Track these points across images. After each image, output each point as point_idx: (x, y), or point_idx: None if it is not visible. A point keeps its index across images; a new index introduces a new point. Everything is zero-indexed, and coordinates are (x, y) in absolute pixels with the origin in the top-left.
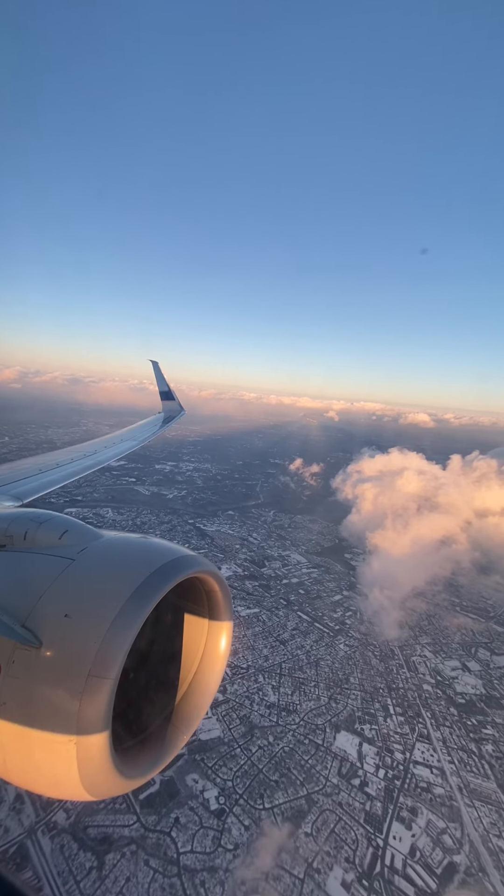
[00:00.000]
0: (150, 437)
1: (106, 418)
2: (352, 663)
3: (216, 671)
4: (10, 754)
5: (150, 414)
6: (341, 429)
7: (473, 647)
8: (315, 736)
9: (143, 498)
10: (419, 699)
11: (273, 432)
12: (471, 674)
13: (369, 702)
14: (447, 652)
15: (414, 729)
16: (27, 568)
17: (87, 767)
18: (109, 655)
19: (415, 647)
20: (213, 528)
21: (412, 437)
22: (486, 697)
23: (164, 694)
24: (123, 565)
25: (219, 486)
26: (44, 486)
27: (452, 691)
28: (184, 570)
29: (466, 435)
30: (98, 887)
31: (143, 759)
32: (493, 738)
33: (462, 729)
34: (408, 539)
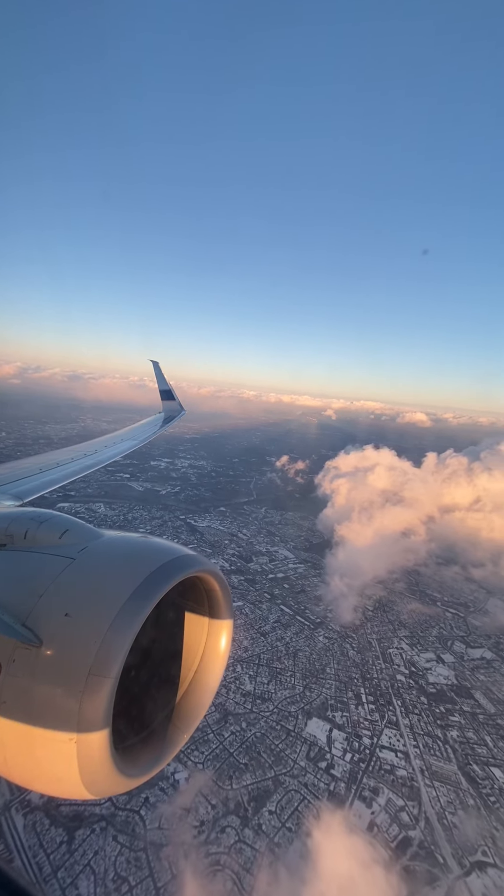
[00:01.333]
0: (150, 436)
1: (104, 414)
2: (329, 654)
3: (216, 670)
4: (10, 753)
5: (149, 411)
6: (338, 427)
7: (450, 641)
8: (287, 722)
9: (136, 494)
10: (391, 688)
11: (271, 430)
12: (444, 665)
13: (343, 691)
14: (424, 644)
15: (384, 716)
16: (27, 567)
17: (87, 766)
18: (110, 654)
19: (392, 639)
20: (203, 524)
21: (408, 436)
22: (456, 687)
23: (164, 693)
24: (124, 564)
25: (213, 482)
26: (44, 486)
27: (425, 681)
28: (184, 570)
29: (464, 434)
30: (67, 859)
31: (144, 757)
32: (459, 724)
33: (430, 716)
34: (371, 531)
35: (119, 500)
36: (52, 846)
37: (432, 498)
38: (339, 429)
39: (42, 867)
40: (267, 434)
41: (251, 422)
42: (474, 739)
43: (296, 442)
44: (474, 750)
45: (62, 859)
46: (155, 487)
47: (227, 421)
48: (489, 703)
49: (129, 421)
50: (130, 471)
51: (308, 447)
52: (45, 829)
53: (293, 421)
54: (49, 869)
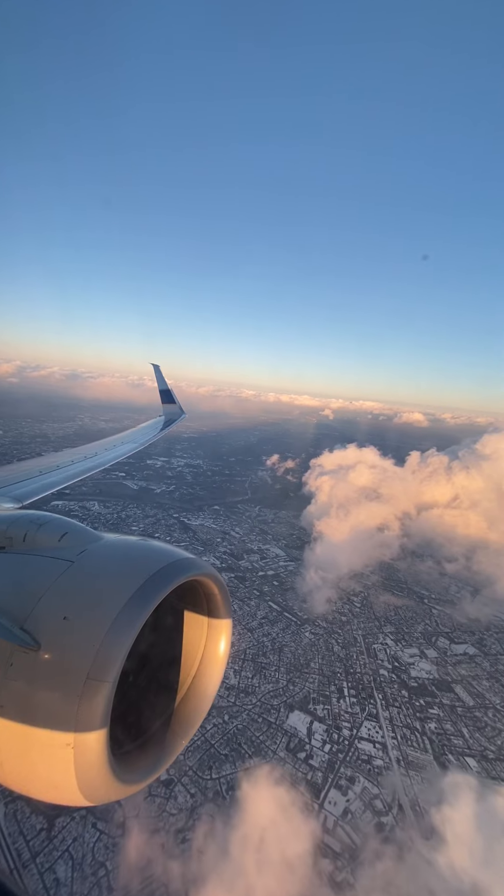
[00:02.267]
0: (150, 439)
1: (102, 413)
2: (314, 650)
3: (215, 674)
4: (6, 758)
5: (147, 410)
6: (335, 427)
7: (434, 637)
8: (269, 715)
9: (131, 492)
10: (374, 682)
11: (269, 429)
12: (427, 660)
13: (326, 685)
14: (408, 640)
15: (364, 709)
16: (26, 570)
17: (84, 772)
18: (108, 658)
19: (377, 635)
20: (196, 523)
21: (403, 436)
22: (437, 681)
23: (162, 697)
24: (123, 568)
25: (208, 481)
26: (44, 488)
27: (407, 676)
28: (183, 573)
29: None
30: (46, 845)
31: (142, 763)
32: (438, 717)
33: (410, 709)
34: (347, 526)
35: (113, 499)
36: (31, 833)
37: (411, 495)
38: (335, 428)
39: (21, 853)
40: (265, 433)
41: (249, 421)
42: (451, 731)
43: (292, 441)
44: (451, 741)
45: (41, 846)
46: (150, 486)
47: (225, 420)
48: (468, 697)
49: (127, 420)
50: (126, 469)
51: (304, 447)
52: (26, 817)
53: (291, 421)
54: (28, 854)
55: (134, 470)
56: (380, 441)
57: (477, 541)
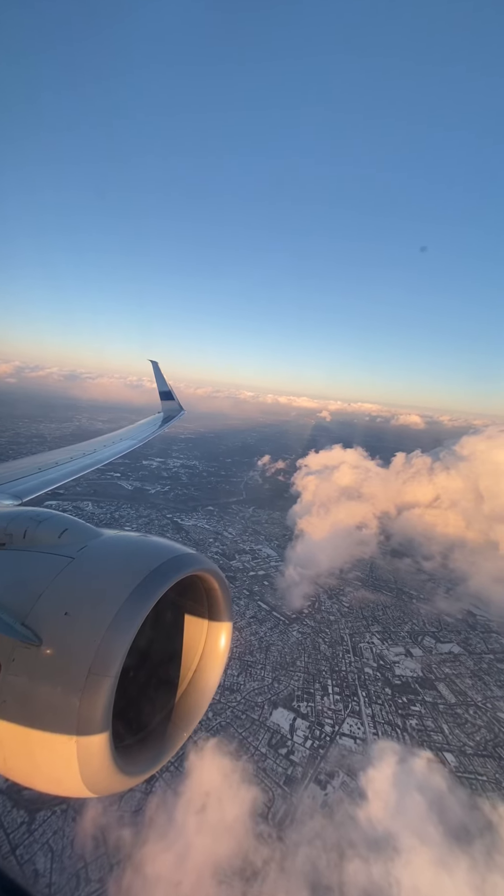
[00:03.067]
0: (149, 436)
1: (100, 414)
2: (301, 648)
3: (216, 669)
4: (10, 752)
5: (146, 410)
6: (331, 428)
7: (421, 636)
8: (252, 712)
9: (125, 493)
10: (358, 680)
11: (266, 431)
12: (412, 658)
13: (310, 682)
14: (395, 639)
15: (347, 706)
16: (27, 566)
17: (87, 764)
18: (109, 653)
19: (364, 634)
20: (189, 523)
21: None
22: (421, 679)
23: (164, 692)
24: (123, 564)
25: (203, 482)
26: (43, 485)
27: (391, 674)
28: (184, 569)
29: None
30: (27, 838)
31: (144, 756)
32: (419, 713)
33: (392, 706)
34: (328, 524)
35: (107, 499)
36: (12, 826)
37: (391, 495)
38: (331, 430)
39: (1, 845)
40: (262, 434)
41: (247, 422)
42: (432, 727)
43: (289, 443)
44: (430, 737)
45: (21, 838)
46: (144, 486)
47: (222, 421)
48: (451, 694)
49: (125, 420)
50: (122, 470)
51: (299, 448)
52: (7, 811)
53: (288, 422)
54: (7, 847)
55: (129, 470)
56: (375, 443)
57: (455, 539)
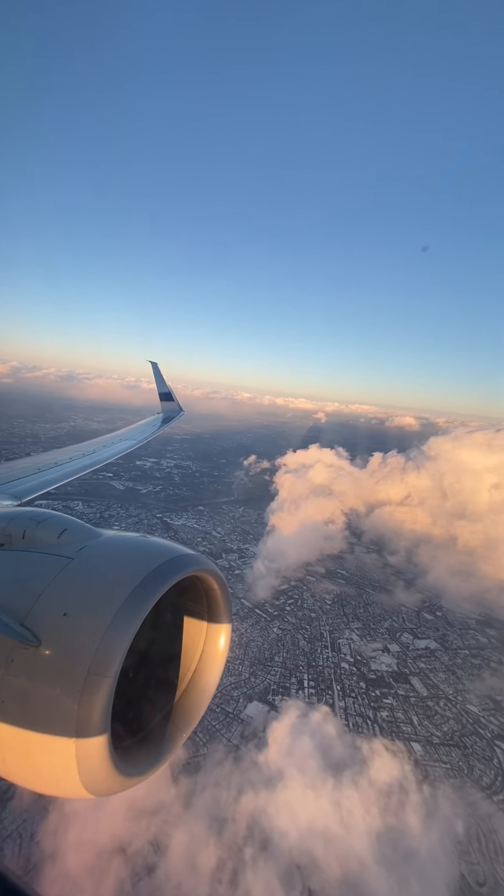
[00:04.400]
0: (148, 436)
1: (97, 414)
2: (280, 644)
3: (215, 670)
4: (9, 753)
5: (143, 410)
6: (326, 430)
7: (399, 632)
8: (227, 705)
9: (117, 492)
10: (334, 675)
11: (262, 432)
12: (389, 654)
13: (287, 677)
14: (373, 636)
15: (321, 699)
16: (26, 567)
17: (86, 766)
18: (109, 654)
19: (344, 630)
20: (179, 523)
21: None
22: (395, 674)
23: (163, 692)
24: (122, 564)
25: (196, 482)
26: (42, 486)
27: (367, 668)
28: (183, 569)
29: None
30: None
31: (143, 757)
32: (391, 706)
33: (365, 699)
34: (302, 520)
35: (98, 499)
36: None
37: (362, 493)
38: (326, 431)
39: (1, 846)
40: (258, 435)
41: (244, 423)
42: (402, 719)
43: (284, 443)
44: (400, 728)
45: None
46: (136, 486)
47: (219, 422)
48: (423, 688)
49: (122, 421)
50: (114, 470)
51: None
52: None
53: (284, 423)
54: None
55: (122, 470)
56: (368, 443)
57: (421, 535)
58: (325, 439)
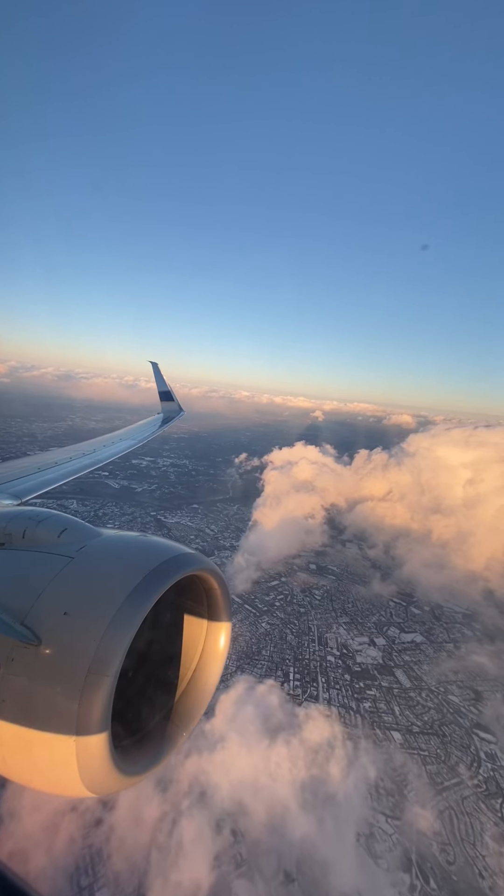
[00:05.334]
0: (148, 436)
1: (94, 414)
2: (268, 639)
3: (215, 669)
4: (9, 752)
5: (140, 410)
6: (323, 428)
7: (386, 626)
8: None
9: (112, 491)
10: (319, 668)
11: (260, 430)
12: (375, 647)
13: (273, 670)
14: (361, 630)
15: (306, 691)
16: (26, 566)
17: (86, 764)
18: (109, 653)
19: (332, 625)
20: (173, 521)
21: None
22: (380, 666)
23: (163, 691)
24: (123, 563)
25: (191, 481)
26: (42, 485)
27: (352, 661)
28: (183, 569)
29: None
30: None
31: (143, 756)
32: (374, 697)
33: (349, 690)
34: (279, 515)
35: (92, 497)
36: None
37: (345, 488)
38: (322, 429)
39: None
40: (255, 434)
41: (242, 422)
42: (384, 709)
43: (279, 442)
44: (381, 718)
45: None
46: (131, 485)
47: (217, 421)
48: (407, 679)
49: (119, 420)
50: (110, 469)
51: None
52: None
53: (282, 422)
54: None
55: (118, 469)
56: (362, 441)
57: (401, 529)
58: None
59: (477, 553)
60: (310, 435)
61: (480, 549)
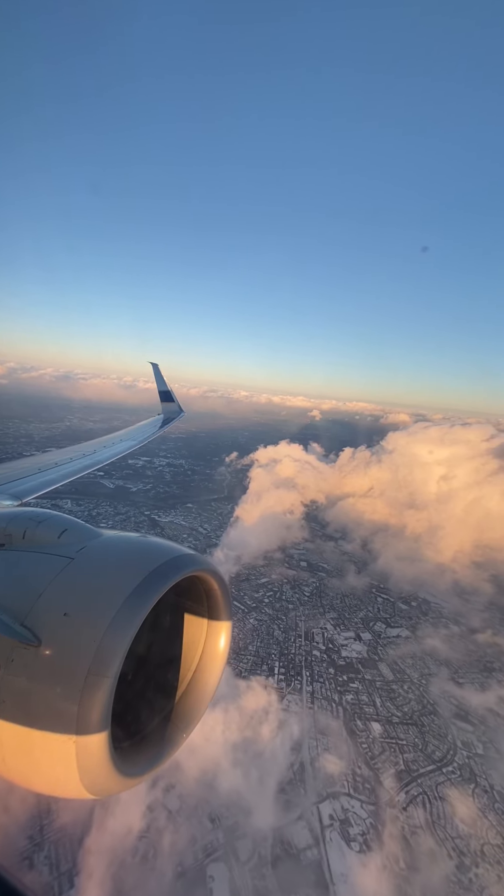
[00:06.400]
0: (149, 437)
1: (92, 415)
2: (255, 634)
3: (215, 670)
4: (9, 753)
5: (139, 410)
6: (319, 427)
7: (373, 621)
8: None
9: (107, 491)
10: (304, 662)
11: (257, 429)
12: (360, 642)
13: (258, 664)
14: (347, 625)
15: (290, 684)
16: (26, 567)
17: (86, 766)
18: (108, 654)
19: (319, 620)
20: (166, 520)
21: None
22: (364, 660)
23: (163, 693)
24: (122, 564)
25: (187, 480)
26: (42, 486)
27: (337, 655)
28: (183, 569)
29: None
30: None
31: (143, 757)
32: (356, 690)
33: (332, 684)
34: (259, 511)
35: (87, 497)
36: None
37: (326, 485)
38: (318, 428)
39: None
40: (253, 433)
41: (241, 422)
42: (366, 701)
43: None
44: (363, 709)
45: None
46: (126, 485)
47: (216, 421)
48: (389, 672)
49: (117, 420)
50: (105, 469)
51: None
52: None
53: (280, 421)
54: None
55: (113, 469)
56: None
57: (379, 524)
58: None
59: (445, 546)
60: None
61: (448, 542)
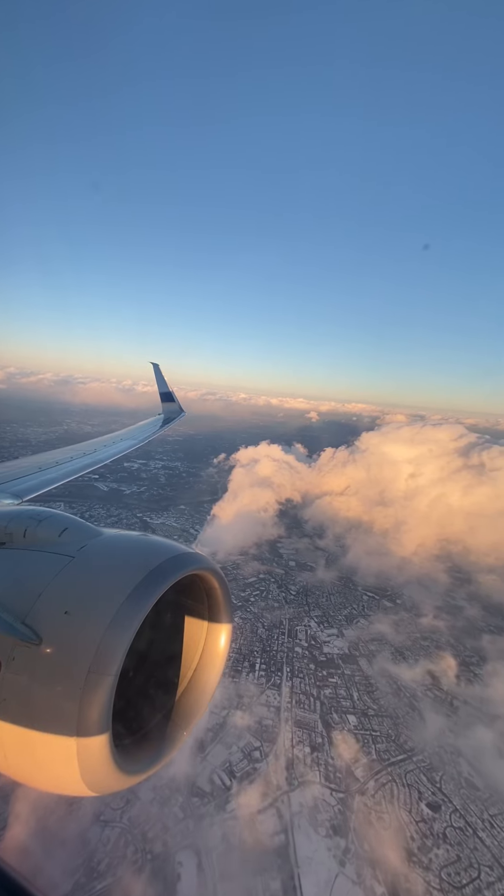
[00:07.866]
0: (149, 436)
1: (91, 418)
2: (238, 632)
3: (216, 668)
4: (10, 751)
5: (137, 413)
6: (315, 428)
7: (357, 618)
8: None
9: (100, 493)
10: (286, 658)
11: (255, 431)
12: (343, 638)
13: (240, 661)
14: (331, 622)
15: (270, 679)
16: (27, 565)
17: (87, 763)
18: (109, 652)
19: (303, 618)
20: (158, 522)
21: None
22: (345, 656)
23: (163, 691)
24: (123, 563)
25: (182, 482)
26: (43, 485)
27: (319, 652)
28: (183, 568)
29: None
30: None
31: (144, 755)
32: (335, 684)
33: (312, 679)
34: (234, 509)
35: (80, 500)
36: None
37: (305, 484)
38: (314, 429)
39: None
40: (251, 435)
41: (239, 424)
42: (343, 695)
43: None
44: (340, 703)
45: None
46: (120, 488)
47: (214, 423)
48: (368, 667)
49: (115, 424)
50: (100, 471)
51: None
52: None
53: (278, 423)
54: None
55: (108, 472)
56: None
57: (353, 521)
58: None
59: (408, 540)
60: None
61: (411, 536)
